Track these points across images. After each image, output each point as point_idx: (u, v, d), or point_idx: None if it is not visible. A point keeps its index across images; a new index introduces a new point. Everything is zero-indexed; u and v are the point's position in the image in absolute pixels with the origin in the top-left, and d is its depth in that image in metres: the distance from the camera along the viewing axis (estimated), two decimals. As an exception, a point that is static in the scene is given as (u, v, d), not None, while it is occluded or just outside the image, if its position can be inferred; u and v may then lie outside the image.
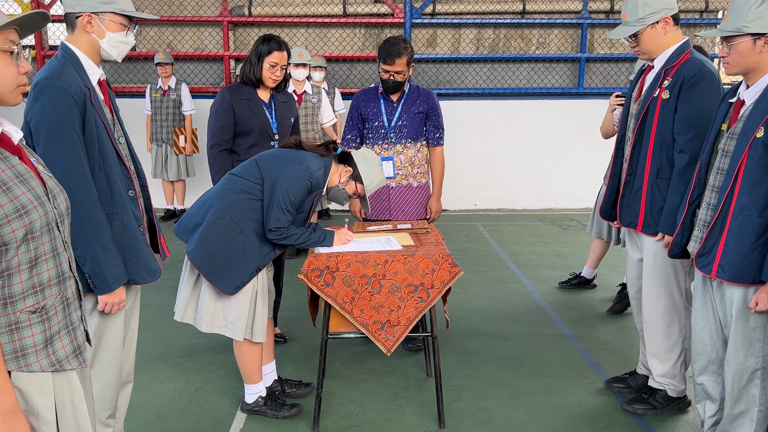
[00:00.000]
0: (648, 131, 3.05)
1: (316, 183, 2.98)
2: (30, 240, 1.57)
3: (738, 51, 2.45)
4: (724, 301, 2.63)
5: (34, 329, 1.61)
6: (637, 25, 2.96)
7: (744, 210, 2.45)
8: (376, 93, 3.93)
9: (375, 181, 3.14)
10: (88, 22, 2.33)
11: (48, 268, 1.63)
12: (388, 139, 3.88)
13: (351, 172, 3.12)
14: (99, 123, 2.32)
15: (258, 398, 3.22)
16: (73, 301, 1.74)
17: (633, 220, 3.16)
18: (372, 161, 3.14)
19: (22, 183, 1.58)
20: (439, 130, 3.97)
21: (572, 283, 5.25)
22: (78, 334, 1.74)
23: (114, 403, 2.55)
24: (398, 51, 3.71)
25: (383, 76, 3.80)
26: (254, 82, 3.68)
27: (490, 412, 3.30)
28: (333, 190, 3.14)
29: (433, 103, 3.92)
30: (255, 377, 3.19)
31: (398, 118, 3.86)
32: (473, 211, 8.36)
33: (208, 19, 8.17)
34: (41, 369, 1.62)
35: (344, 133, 3.99)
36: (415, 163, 3.93)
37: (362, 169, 3.11)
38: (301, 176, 2.91)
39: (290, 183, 2.90)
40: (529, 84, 8.56)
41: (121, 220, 2.38)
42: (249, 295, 2.98)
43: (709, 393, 2.82)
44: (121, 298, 2.37)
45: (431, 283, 3.02)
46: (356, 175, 3.13)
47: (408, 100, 3.89)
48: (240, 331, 2.98)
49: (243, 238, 2.91)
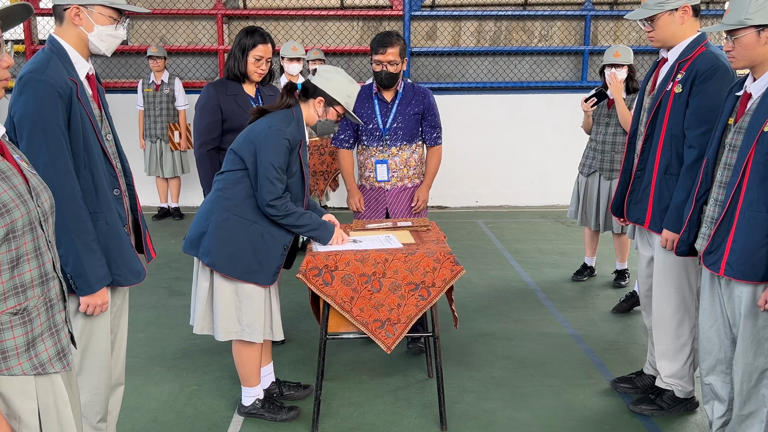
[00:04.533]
0: (659, 126, 3.01)
1: (293, 138, 2.90)
2: (11, 239, 1.54)
3: (743, 44, 2.43)
4: (732, 300, 2.60)
5: (15, 331, 1.57)
6: (655, 9, 2.92)
7: (752, 206, 2.43)
8: (370, 93, 3.83)
9: (349, 92, 3.01)
10: (76, 14, 2.30)
11: (30, 269, 1.60)
12: (383, 141, 3.81)
13: (324, 100, 2.99)
14: (85, 119, 2.29)
15: (255, 401, 3.18)
16: (57, 303, 1.70)
17: (641, 216, 3.12)
18: (335, 77, 2.99)
19: (3, 180, 1.55)
20: (435, 129, 3.88)
21: (583, 275, 5.31)
22: (62, 336, 1.71)
23: (104, 406, 2.52)
24: (390, 40, 3.64)
25: (376, 68, 3.70)
26: (239, 77, 3.61)
27: (493, 413, 3.26)
28: (318, 126, 3.04)
29: (429, 102, 3.84)
30: (253, 380, 3.14)
31: (393, 119, 3.79)
32: (474, 208, 8.30)
33: (202, 12, 8.09)
34: (23, 372, 1.59)
35: (337, 132, 3.91)
36: (410, 164, 3.88)
37: (331, 90, 2.98)
38: (275, 138, 2.84)
39: (267, 150, 2.83)
40: (532, 78, 8.49)
41: (105, 220, 2.35)
42: (262, 295, 2.95)
43: (718, 393, 2.79)
44: (104, 300, 2.34)
45: (432, 281, 2.99)
46: (330, 100, 2.99)
47: (403, 101, 3.79)
48: (259, 332, 2.97)
49: (257, 227, 2.90)
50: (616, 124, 4.80)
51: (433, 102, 3.86)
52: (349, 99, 3.02)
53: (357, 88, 3.06)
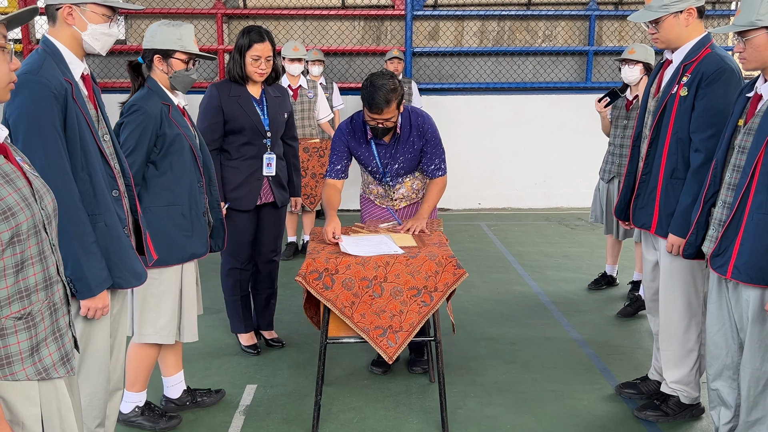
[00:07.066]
0: (665, 129, 2.98)
1: (152, 111, 2.79)
2: (16, 243, 1.53)
3: (754, 45, 2.41)
4: (740, 303, 2.58)
5: (19, 336, 1.57)
6: (660, 11, 2.88)
7: (761, 208, 2.41)
8: (365, 134, 3.43)
9: (177, 35, 2.83)
10: (69, 14, 2.27)
11: (35, 272, 1.59)
12: (384, 182, 3.56)
13: (160, 57, 2.86)
14: (81, 120, 2.26)
15: (135, 408, 3.08)
16: (61, 307, 1.69)
17: (647, 221, 3.09)
18: (156, 30, 2.85)
19: (8, 183, 1.54)
20: (434, 161, 3.48)
21: (602, 284, 5.13)
22: (65, 340, 1.71)
23: (103, 411, 2.50)
24: (385, 98, 3.14)
25: (370, 123, 3.29)
26: (240, 79, 3.56)
27: (496, 419, 3.23)
28: (174, 83, 2.90)
29: (430, 135, 3.43)
30: (140, 384, 3.06)
31: (393, 160, 3.48)
32: (477, 211, 8.26)
33: (202, 11, 8.07)
34: (27, 377, 1.59)
35: (332, 163, 3.50)
36: (417, 187, 3.62)
37: (159, 44, 2.83)
38: (133, 121, 2.77)
39: (126, 133, 2.78)
40: (535, 78, 8.45)
41: (104, 222, 2.32)
42: (175, 297, 2.91)
43: (724, 399, 2.77)
44: (105, 303, 2.31)
45: (435, 285, 2.95)
46: (164, 52, 2.85)
47: (401, 138, 3.42)
48: (172, 335, 2.93)
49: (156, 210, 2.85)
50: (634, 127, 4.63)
51: (433, 132, 3.45)
52: (180, 40, 2.84)
53: (184, 27, 2.87)
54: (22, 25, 1.69)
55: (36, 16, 1.64)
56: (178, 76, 2.89)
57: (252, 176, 3.68)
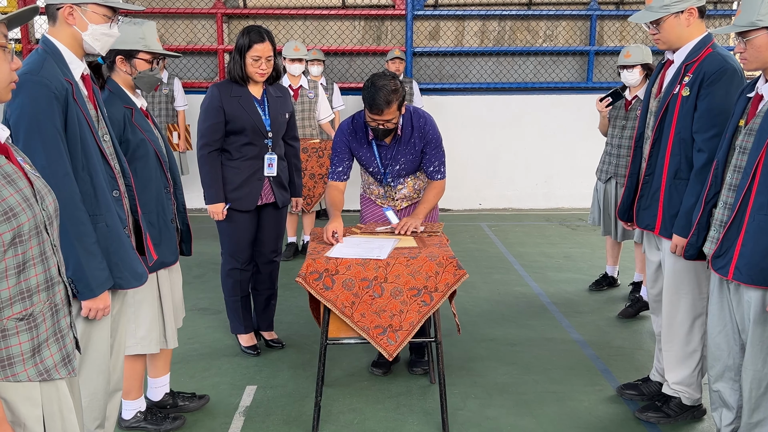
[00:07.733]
0: (667, 130, 2.97)
1: (115, 114, 2.68)
2: (18, 244, 1.53)
3: (755, 46, 2.41)
4: (741, 305, 2.58)
5: (21, 337, 1.57)
6: (660, 11, 2.87)
7: (762, 209, 2.41)
8: (366, 134, 3.43)
9: (140, 35, 2.72)
10: (70, 13, 2.27)
11: (36, 273, 1.59)
12: (386, 183, 3.56)
13: (123, 58, 2.76)
14: (82, 120, 2.26)
15: (137, 413, 3.08)
16: (62, 308, 1.69)
17: (651, 222, 3.08)
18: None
19: (9, 184, 1.54)
20: (434, 163, 3.47)
21: (602, 285, 5.12)
22: (67, 341, 1.71)
23: (102, 412, 2.50)
24: (386, 99, 3.13)
25: (371, 124, 3.27)
26: (240, 79, 3.55)
27: (497, 420, 3.22)
28: (139, 84, 2.79)
29: (430, 136, 3.42)
30: (135, 392, 3.05)
31: (394, 161, 3.47)
32: (478, 211, 8.25)
33: (202, 11, 8.06)
34: (28, 378, 1.59)
35: (333, 165, 3.49)
36: (418, 187, 3.62)
37: (122, 44, 2.69)
38: None
39: None
40: (536, 78, 8.44)
41: (105, 222, 2.31)
42: (153, 305, 2.87)
43: (726, 401, 2.76)
44: (106, 304, 2.30)
45: (435, 286, 2.95)
46: (127, 53, 2.74)
47: (402, 140, 3.41)
48: (155, 342, 2.91)
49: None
50: (632, 128, 4.48)
51: (434, 133, 3.44)
52: (144, 40, 2.73)
53: (146, 25, 2.76)
54: (22, 25, 1.69)
55: (36, 16, 1.62)
56: (143, 77, 2.78)
57: (253, 176, 3.67)
